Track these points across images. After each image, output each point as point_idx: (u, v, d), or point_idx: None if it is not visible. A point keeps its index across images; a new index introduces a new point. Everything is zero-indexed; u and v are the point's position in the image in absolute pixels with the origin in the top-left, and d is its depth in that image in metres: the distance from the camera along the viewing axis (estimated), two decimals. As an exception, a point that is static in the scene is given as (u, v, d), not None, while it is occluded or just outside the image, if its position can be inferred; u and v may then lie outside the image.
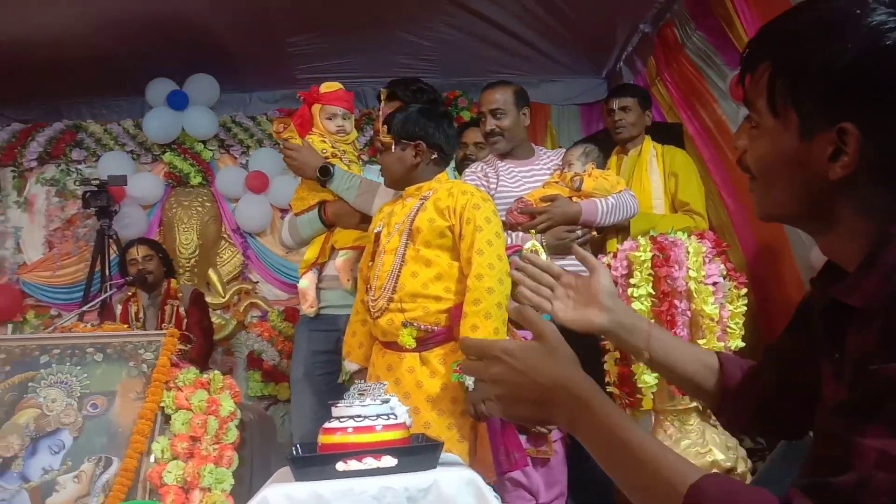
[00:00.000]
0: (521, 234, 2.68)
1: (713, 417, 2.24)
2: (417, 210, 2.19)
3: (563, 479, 2.56)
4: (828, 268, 0.87)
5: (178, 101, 4.59)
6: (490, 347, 0.85)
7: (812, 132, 0.75)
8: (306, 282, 2.60)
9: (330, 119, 2.71)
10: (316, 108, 2.71)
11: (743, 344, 2.20)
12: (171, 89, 4.58)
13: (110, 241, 4.11)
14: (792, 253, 3.10)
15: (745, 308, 2.22)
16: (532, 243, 2.52)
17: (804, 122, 0.75)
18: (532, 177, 2.83)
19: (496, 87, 2.87)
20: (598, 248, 2.75)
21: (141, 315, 3.74)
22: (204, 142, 4.75)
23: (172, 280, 3.79)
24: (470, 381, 2.01)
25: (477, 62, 4.60)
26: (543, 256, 2.51)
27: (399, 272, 2.13)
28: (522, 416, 0.87)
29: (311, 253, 2.64)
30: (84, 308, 3.54)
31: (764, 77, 0.78)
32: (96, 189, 4.11)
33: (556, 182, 2.76)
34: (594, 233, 2.68)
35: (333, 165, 2.57)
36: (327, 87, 2.76)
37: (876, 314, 0.69)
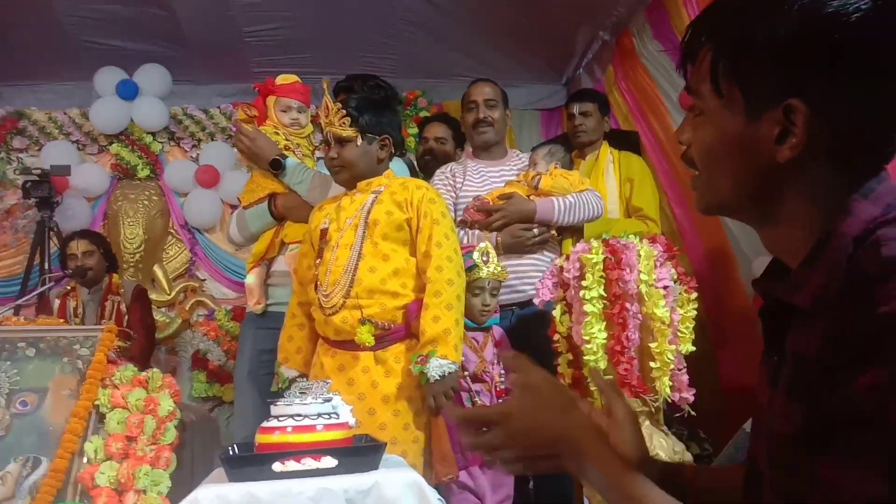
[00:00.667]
0: (476, 232, 2.66)
1: (662, 422, 2.24)
2: (372, 203, 2.14)
3: (509, 482, 2.54)
4: (770, 268, 0.82)
5: (127, 91, 4.45)
6: (488, 415, 0.86)
7: (758, 111, 0.70)
8: (253, 277, 2.53)
9: (284, 111, 2.65)
10: (271, 99, 2.65)
11: (693, 348, 2.20)
12: (120, 78, 4.44)
13: (51, 233, 3.97)
14: (736, 262, 3.16)
15: (696, 312, 2.22)
16: (485, 244, 2.50)
17: (749, 100, 0.71)
18: (500, 177, 2.83)
19: (488, 81, 2.91)
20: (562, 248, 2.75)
21: (80, 310, 3.59)
22: (153, 133, 4.61)
23: (114, 275, 3.66)
24: (434, 373, 1.97)
25: (438, 64, 4.58)
26: (495, 257, 2.49)
27: (356, 267, 2.08)
28: (545, 470, 0.87)
29: (259, 247, 2.56)
30: (19, 301, 3.39)
31: (706, 59, 0.74)
32: (38, 179, 3.97)
33: (519, 182, 2.75)
34: (553, 232, 2.67)
35: (286, 157, 2.50)
36: (283, 79, 2.70)
37: (820, 314, 0.65)
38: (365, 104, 2.22)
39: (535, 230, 2.62)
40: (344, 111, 2.17)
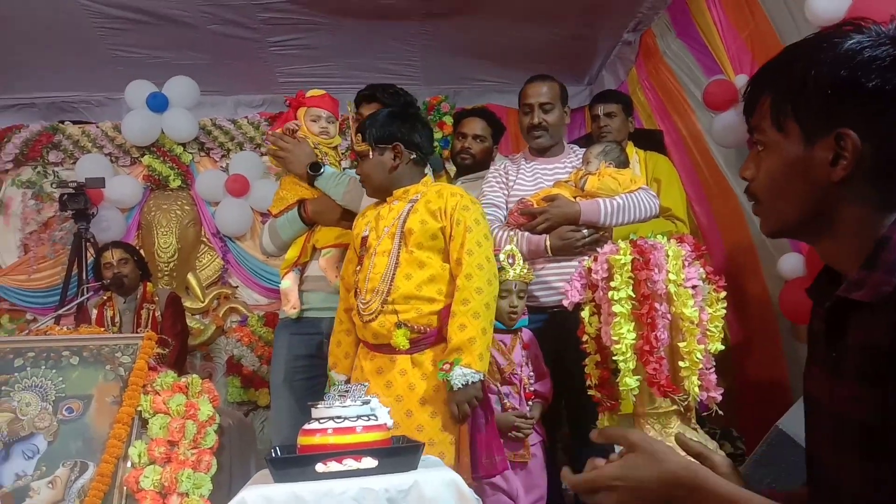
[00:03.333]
0: (526, 234, 2.63)
1: (693, 420, 2.25)
2: (408, 212, 2.19)
3: (542, 484, 2.56)
4: (821, 277, 0.96)
5: (157, 103, 4.54)
6: (596, 480, 0.90)
7: (813, 139, 0.85)
8: (288, 282, 2.59)
9: (314, 121, 2.72)
10: (301, 111, 2.73)
11: (723, 347, 2.20)
12: (150, 91, 4.54)
13: (87, 244, 4.06)
14: (759, 262, 3.15)
15: (725, 311, 2.22)
16: (511, 247, 2.52)
17: (805, 132, 0.86)
18: (553, 175, 2.77)
19: (545, 79, 2.77)
20: None
21: (117, 319, 3.69)
22: (183, 144, 4.70)
23: (148, 283, 3.75)
24: (457, 382, 2.00)
25: (459, 69, 4.61)
26: (521, 259, 2.52)
27: (393, 274, 2.13)
28: None
29: (291, 253, 2.62)
30: (60, 311, 3.50)
31: (766, 103, 0.89)
32: (73, 192, 4.06)
33: (568, 182, 2.72)
34: (604, 234, 2.62)
35: (324, 163, 2.58)
36: (313, 92, 2.79)
37: (885, 308, 0.78)
38: (372, 118, 2.29)
39: (585, 231, 2.57)
40: (357, 128, 2.27)
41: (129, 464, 2.53)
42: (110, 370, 2.70)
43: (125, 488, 2.51)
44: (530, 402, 2.57)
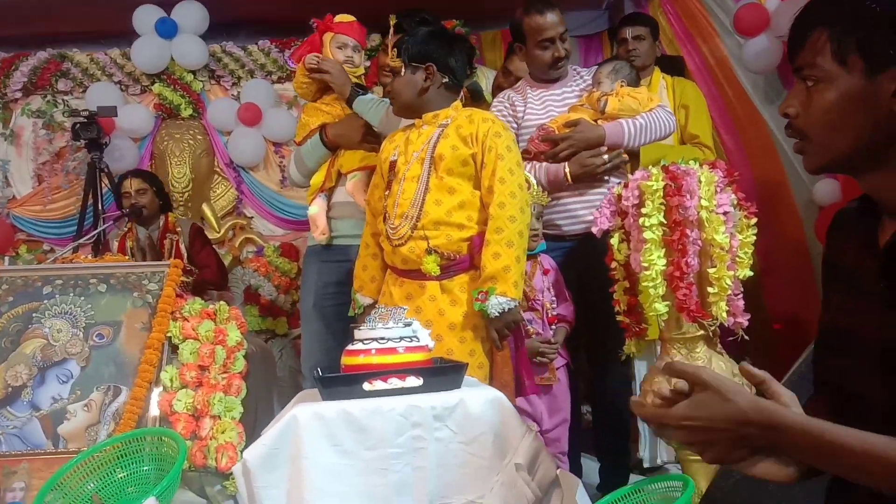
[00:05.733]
0: (545, 164, 2.61)
1: (719, 345, 2.28)
2: (438, 137, 2.15)
3: (566, 407, 2.62)
4: (850, 212, 1.00)
5: (166, 29, 4.44)
6: (667, 418, 0.89)
7: (877, 71, 0.86)
8: (316, 208, 2.57)
9: (340, 48, 2.67)
10: (327, 36, 2.67)
11: (751, 273, 2.21)
12: (158, 16, 4.42)
13: (102, 174, 4.03)
14: (790, 189, 3.14)
15: (755, 238, 2.22)
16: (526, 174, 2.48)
17: (870, 65, 0.86)
18: (562, 100, 2.73)
19: (553, 9, 2.69)
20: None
21: (136, 249, 3.70)
22: (194, 72, 4.62)
23: (170, 214, 3.74)
24: (494, 311, 2.01)
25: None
26: (533, 180, 2.49)
27: (423, 199, 2.11)
28: (725, 461, 0.91)
29: (317, 178, 2.60)
30: (79, 241, 3.50)
31: (822, 37, 0.89)
32: (86, 121, 4.01)
33: (583, 105, 2.68)
34: (624, 156, 2.61)
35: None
36: (342, 17, 2.73)
37: None
38: (412, 35, 2.23)
39: (606, 156, 2.56)
40: (395, 42, 2.20)
41: (160, 388, 2.59)
42: (138, 297, 2.73)
43: (158, 411, 2.57)
44: (553, 327, 2.60)
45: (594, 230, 2.34)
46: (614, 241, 2.31)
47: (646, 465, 3.02)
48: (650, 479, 2.24)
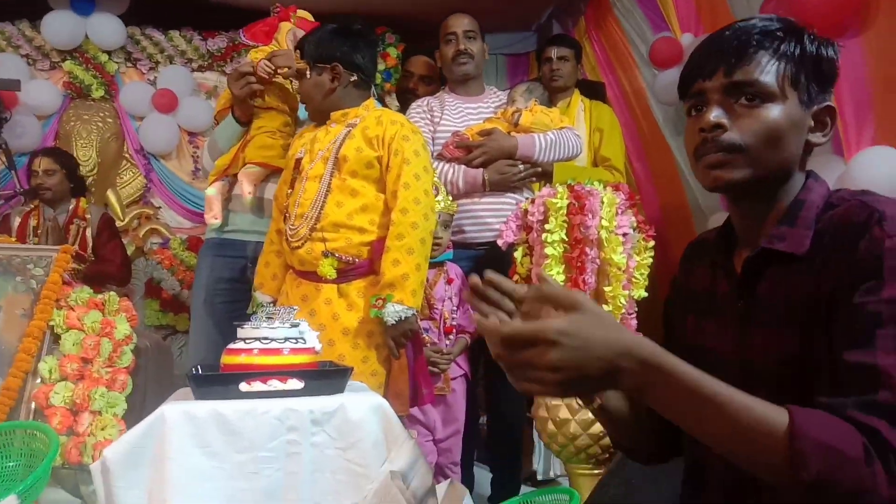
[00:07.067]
0: (462, 168, 2.64)
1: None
2: (344, 137, 2.10)
3: (461, 417, 2.61)
4: (703, 241, 1.08)
5: (83, 6, 4.24)
6: (542, 332, 0.75)
7: (811, 105, 0.93)
8: (214, 190, 2.45)
9: (293, 42, 2.59)
10: (285, 25, 2.58)
11: (646, 294, 2.28)
12: (75, -9, 4.23)
13: (0, 150, 3.80)
14: (692, 219, 3.25)
15: (652, 260, 2.29)
16: (434, 179, 2.47)
17: (809, 97, 0.92)
18: (478, 114, 2.80)
19: (466, 13, 2.83)
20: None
21: (40, 230, 3.47)
22: (109, 53, 4.43)
23: (82, 199, 3.53)
24: (390, 318, 1.97)
25: (406, 7, 4.45)
26: (444, 190, 2.50)
27: (324, 201, 2.06)
28: (582, 393, 0.86)
29: (223, 160, 2.46)
30: (-34, 218, 3.28)
31: (766, 59, 0.92)
32: (-16, 93, 3.78)
33: (499, 118, 2.74)
34: (539, 169, 2.66)
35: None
36: (303, 14, 2.67)
37: (811, 258, 0.87)
38: (312, 34, 2.20)
39: (521, 166, 2.61)
40: (297, 43, 2.17)
41: (38, 380, 2.44)
42: (21, 282, 2.57)
43: (33, 404, 2.43)
44: (450, 337, 2.59)
45: (500, 242, 2.36)
46: (518, 254, 2.34)
47: (539, 477, 3.05)
48: (538, 490, 2.26)
